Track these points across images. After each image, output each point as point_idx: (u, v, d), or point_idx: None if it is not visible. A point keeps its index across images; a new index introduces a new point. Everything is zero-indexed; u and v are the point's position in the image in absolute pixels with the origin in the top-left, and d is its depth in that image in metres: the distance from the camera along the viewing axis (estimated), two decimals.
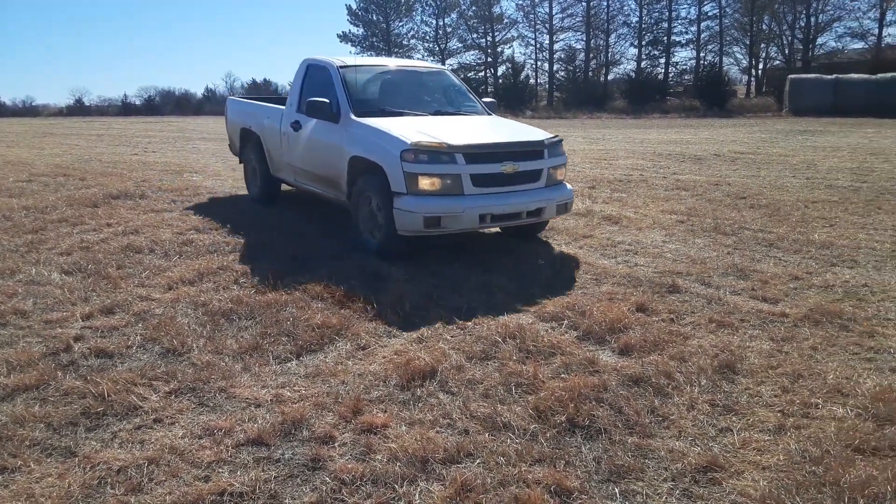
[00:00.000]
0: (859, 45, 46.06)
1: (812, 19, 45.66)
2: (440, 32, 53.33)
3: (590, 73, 47.52)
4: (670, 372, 3.72)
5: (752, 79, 49.69)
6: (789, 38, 47.24)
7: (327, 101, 6.61)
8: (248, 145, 8.94)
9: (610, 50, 48.46)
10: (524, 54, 58.83)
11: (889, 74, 30.13)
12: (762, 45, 48.62)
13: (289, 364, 3.96)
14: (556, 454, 3.01)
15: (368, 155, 6.04)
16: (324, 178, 6.93)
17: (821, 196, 9.22)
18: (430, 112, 7.02)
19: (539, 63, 51.01)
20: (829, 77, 31.21)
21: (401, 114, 6.69)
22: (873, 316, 4.64)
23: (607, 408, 3.38)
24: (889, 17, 44.57)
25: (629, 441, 3.10)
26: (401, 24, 54.88)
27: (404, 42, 55.28)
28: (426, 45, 54.55)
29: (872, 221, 7.62)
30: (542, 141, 6.21)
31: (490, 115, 7.42)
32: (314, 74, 7.39)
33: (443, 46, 53.08)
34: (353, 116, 6.46)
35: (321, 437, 3.13)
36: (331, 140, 6.64)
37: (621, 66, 48.80)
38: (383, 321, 4.58)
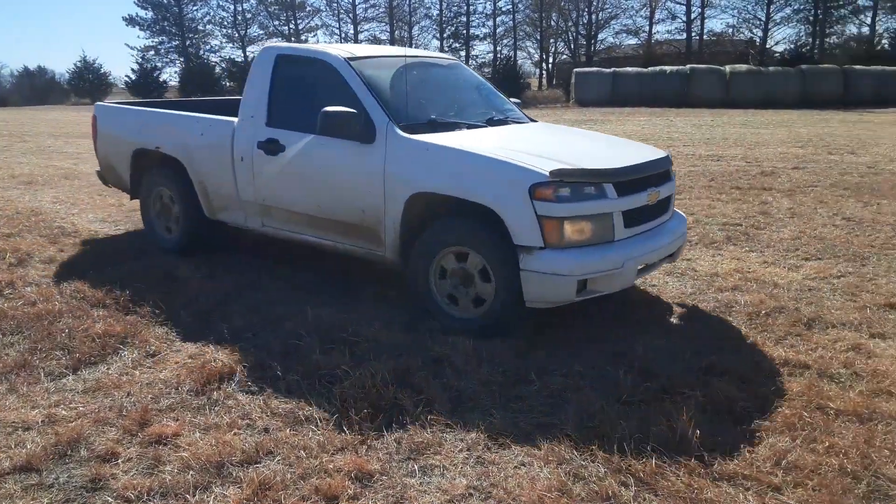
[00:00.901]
0: (634, 41, 51.26)
1: (593, 16, 49.97)
2: (239, 18, 51.13)
3: None
4: (467, 350, 3.88)
5: (544, 72, 53.34)
6: (574, 34, 51.31)
7: (355, 111, 4.41)
8: (149, 175, 6.02)
9: (414, 42, 49.53)
10: (328, 43, 58.57)
11: (658, 68, 33.82)
12: (551, 41, 52.30)
13: (64, 380, 3.59)
14: (359, 440, 3.03)
15: (460, 192, 4.08)
16: (340, 223, 4.70)
17: None
18: (483, 122, 5.06)
19: None
20: (608, 70, 34.35)
21: (455, 126, 4.74)
22: (638, 283, 5.18)
23: (409, 390, 3.46)
24: (658, 15, 50.06)
25: (429, 419, 3.21)
26: (195, 7, 51.90)
27: (199, 27, 52.28)
28: (224, 30, 52.06)
29: None
30: (669, 157, 4.69)
31: (535, 121, 5.62)
32: (294, 71, 5.12)
33: (242, 33, 50.97)
34: (400, 133, 4.37)
35: (102, 455, 2.89)
36: (361, 168, 4.48)
37: None
38: (175, 325, 4.31)
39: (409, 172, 4.27)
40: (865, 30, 46.90)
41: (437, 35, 48.74)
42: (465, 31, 48.98)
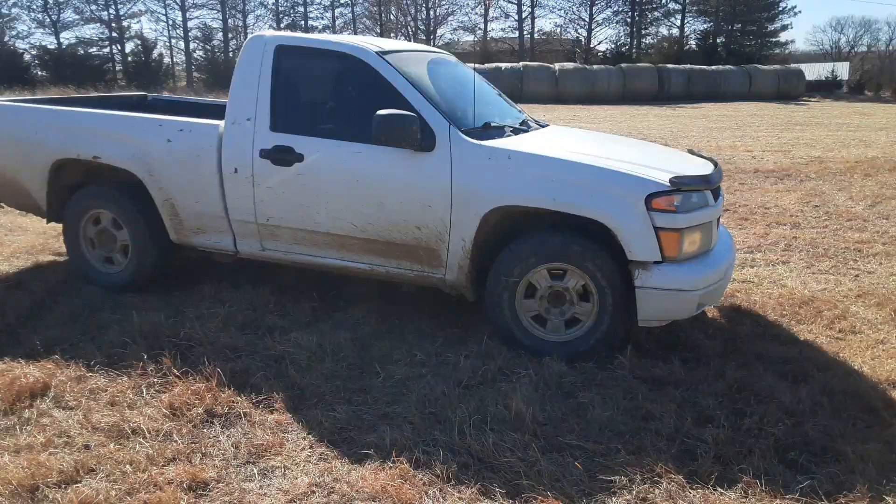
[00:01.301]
0: (471, 38, 52.74)
1: (431, 12, 50.81)
2: (50, 1, 46.42)
3: (230, 54, 46.10)
4: (310, 346, 3.82)
5: None
6: (414, 29, 51.87)
7: (414, 114, 3.81)
8: (79, 193, 4.77)
9: (249, 31, 47.66)
10: (156, 31, 54.55)
11: (494, 65, 35.04)
12: (391, 35, 52.46)
13: None
14: (193, 448, 2.88)
15: (559, 205, 3.64)
16: (384, 243, 4.06)
17: None
18: (517, 125, 4.55)
19: (174, 41, 47.87)
20: None
21: (502, 130, 4.25)
22: None
23: (249, 390, 3.34)
24: (492, 13, 51.84)
25: (269, 419, 3.12)
26: None
27: (4, 11, 46.84)
28: (33, 15, 47.02)
29: None
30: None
31: (547, 124, 5.13)
32: (303, 66, 4.38)
33: (55, 18, 46.32)
34: (467, 139, 3.85)
35: None
36: (417, 181, 3.88)
37: None
38: None
39: (488, 184, 3.76)
40: (675, 31, 51.57)
41: (274, 25, 47.22)
42: (303, 22, 47.92)
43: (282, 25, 47.02)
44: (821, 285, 5.08)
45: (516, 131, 4.33)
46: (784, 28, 51.17)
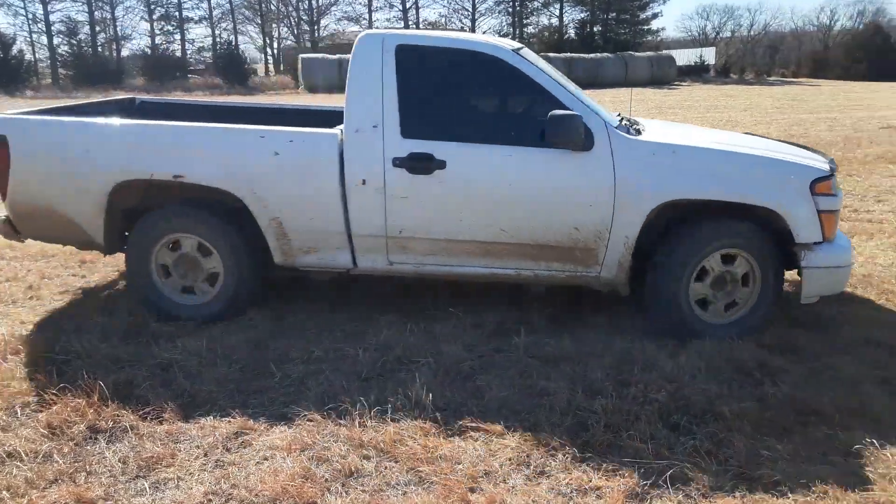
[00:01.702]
0: (356, 28, 52.15)
1: (314, 2, 49.83)
2: None
3: (99, 49, 43.29)
4: (199, 351, 3.68)
5: (270, 57, 52.05)
6: (297, 19, 50.73)
7: (579, 114, 3.71)
8: (150, 218, 4.10)
9: (119, 24, 44.95)
10: (14, 25, 50.25)
11: None
12: (274, 25, 51.12)
13: None
14: (76, 468, 2.71)
15: (729, 195, 3.76)
16: (536, 246, 3.94)
17: None
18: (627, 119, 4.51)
19: (35, 36, 44.31)
20: (334, 57, 34.53)
21: (633, 125, 4.22)
22: None
23: (135, 402, 3.18)
24: (376, 3, 51.47)
25: (159, 430, 2.98)
26: None
27: None
28: None
29: None
30: None
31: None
32: (431, 67, 4.10)
33: None
34: (625, 136, 3.85)
35: None
36: (578, 180, 3.81)
37: (134, 42, 45.85)
38: None
39: (655, 180, 3.77)
40: (555, 20, 53.18)
41: (146, 17, 44.75)
42: (177, 14, 45.68)
43: (154, 17, 44.63)
44: None
45: (635, 125, 4.24)
46: (655, 16, 53.86)
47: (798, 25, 66.69)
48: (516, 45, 4.18)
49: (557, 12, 52.95)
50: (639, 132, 4.05)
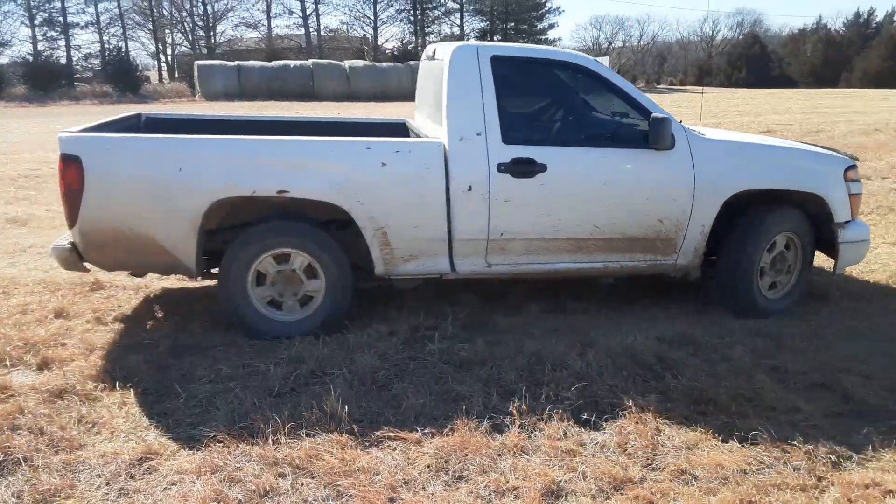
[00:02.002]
0: (255, 34, 51.00)
1: (209, 7, 48.30)
2: None
3: None
4: (96, 374, 3.47)
5: (164, 64, 50.03)
6: (191, 24, 49.00)
7: (670, 116, 4.10)
8: (257, 232, 3.98)
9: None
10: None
11: (282, 62, 34.25)
12: (167, 31, 49.20)
13: None
14: None
15: (786, 184, 4.38)
16: (624, 240, 4.26)
17: None
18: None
19: None
20: (233, 64, 33.63)
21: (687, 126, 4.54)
22: None
23: (26, 433, 2.96)
24: (274, 9, 50.53)
25: (55, 460, 2.79)
26: None
27: None
28: None
29: None
30: None
31: None
32: (524, 77, 4.34)
33: None
34: (699, 135, 4.36)
35: None
36: (662, 177, 4.21)
37: (14, 48, 42.85)
38: None
39: (729, 173, 4.30)
40: (456, 29, 53.93)
41: (27, 22, 41.96)
42: (61, 19, 43.08)
43: (35, 22, 41.93)
44: None
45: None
46: (551, 26, 55.80)
47: (683, 36, 70.69)
48: (589, 56, 4.60)
49: (458, 21, 53.78)
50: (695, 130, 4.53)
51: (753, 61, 54.81)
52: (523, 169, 4.03)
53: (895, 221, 6.82)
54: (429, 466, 2.78)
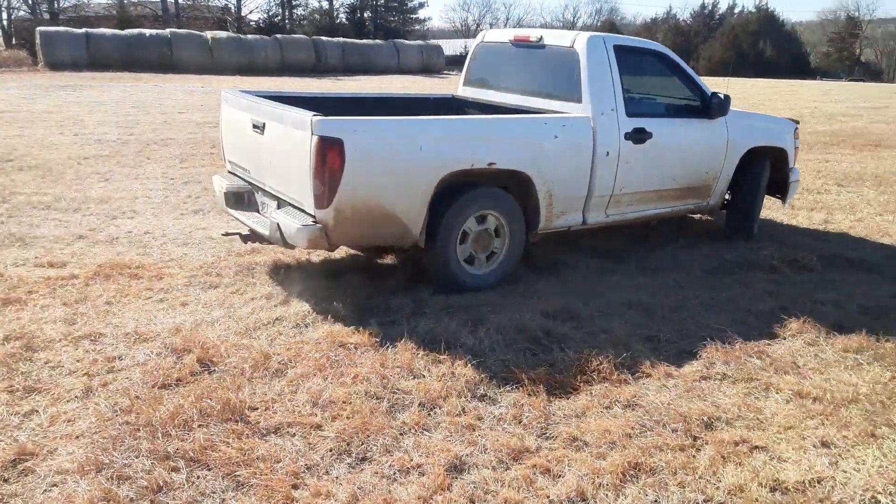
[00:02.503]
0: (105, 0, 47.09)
1: None
2: None
3: None
4: None
5: (0, 31, 45.17)
6: None
7: (728, 95, 5.46)
8: (458, 203, 4.35)
9: None
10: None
11: (137, 31, 31.89)
12: None
13: None
14: None
15: (772, 142, 6.07)
16: (684, 189, 5.64)
17: (92, 151, 9.18)
18: None
19: None
20: (80, 31, 30.87)
21: None
22: (159, 260, 4.96)
23: None
24: None
25: None
26: None
27: None
28: None
29: (144, 172, 8.06)
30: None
31: None
32: (630, 61, 5.23)
33: None
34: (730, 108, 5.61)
35: None
36: (711, 140, 5.64)
37: None
38: None
39: (745, 136, 5.80)
40: (325, 4, 52.61)
41: None
42: None
43: None
44: None
45: None
46: (422, 5, 55.71)
47: (546, 21, 73.25)
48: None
49: None
50: None
51: None
52: (640, 136, 5.05)
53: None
54: (331, 450, 2.75)
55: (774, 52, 56.81)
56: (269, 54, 31.91)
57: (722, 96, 5.37)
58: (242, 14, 49.38)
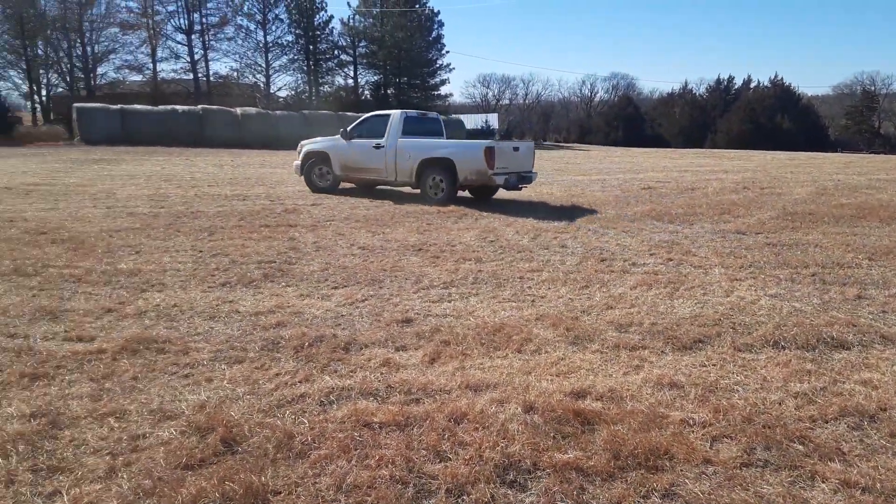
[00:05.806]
0: (138, 77, 49.19)
1: (89, 49, 46.29)
2: None
3: None
4: None
5: (38, 105, 47.21)
6: (69, 65, 46.72)
7: None
8: None
9: None
10: None
11: (170, 107, 33.16)
12: (41, 71, 46.62)
13: None
14: None
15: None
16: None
17: (123, 224, 9.39)
18: None
19: None
20: (115, 107, 32.22)
21: None
22: (185, 334, 4.96)
23: None
24: (160, 53, 49.04)
25: None
26: None
27: None
28: None
29: (174, 244, 8.20)
30: None
31: None
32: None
33: None
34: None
35: None
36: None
37: None
38: None
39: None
40: (351, 81, 54.44)
41: None
42: None
43: None
44: (507, 312, 5.71)
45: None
46: (443, 83, 57.44)
47: (565, 96, 74.91)
48: None
49: (352, 73, 54.34)
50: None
51: (628, 121, 58.89)
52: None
53: (772, 275, 7.40)
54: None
55: (792, 124, 57.40)
56: (295, 129, 32.86)
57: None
58: (272, 91, 51.21)
